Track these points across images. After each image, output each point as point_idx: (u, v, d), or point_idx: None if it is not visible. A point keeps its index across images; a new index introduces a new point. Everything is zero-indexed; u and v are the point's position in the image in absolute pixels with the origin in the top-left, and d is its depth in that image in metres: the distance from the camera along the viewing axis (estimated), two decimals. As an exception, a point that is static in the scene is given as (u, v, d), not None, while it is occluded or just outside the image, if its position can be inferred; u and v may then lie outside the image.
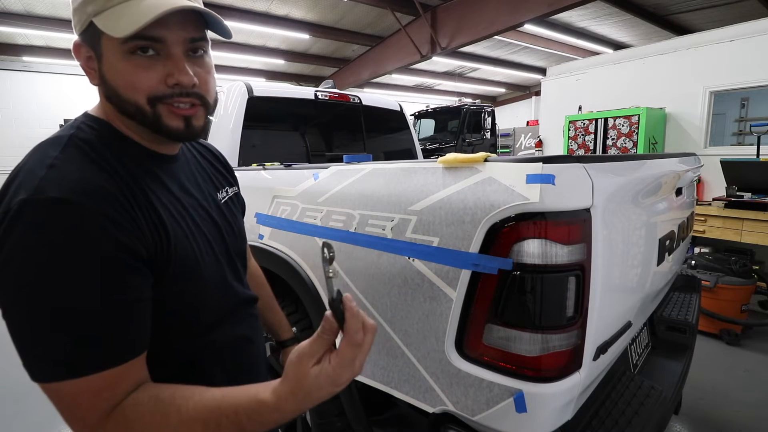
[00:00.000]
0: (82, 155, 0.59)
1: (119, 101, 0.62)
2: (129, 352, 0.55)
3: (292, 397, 0.52)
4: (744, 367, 2.80)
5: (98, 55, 0.61)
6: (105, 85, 0.63)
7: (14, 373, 2.96)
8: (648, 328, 1.68)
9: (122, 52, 0.59)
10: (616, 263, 1.00)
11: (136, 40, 0.58)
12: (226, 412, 0.52)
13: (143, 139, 0.67)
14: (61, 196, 0.51)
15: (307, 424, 1.45)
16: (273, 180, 1.55)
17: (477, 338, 0.88)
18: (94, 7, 0.58)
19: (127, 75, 0.60)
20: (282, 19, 8.13)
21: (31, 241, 0.50)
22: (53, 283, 0.50)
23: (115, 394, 0.53)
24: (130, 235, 0.56)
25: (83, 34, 0.62)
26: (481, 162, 0.90)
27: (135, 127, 0.65)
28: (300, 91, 2.64)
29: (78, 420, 0.53)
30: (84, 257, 0.51)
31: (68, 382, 0.51)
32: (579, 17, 8.36)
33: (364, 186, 1.15)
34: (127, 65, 0.60)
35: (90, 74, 0.64)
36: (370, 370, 1.14)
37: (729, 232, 3.40)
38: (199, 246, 0.69)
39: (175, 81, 0.61)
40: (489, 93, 16.03)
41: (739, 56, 4.14)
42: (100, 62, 0.62)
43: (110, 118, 0.66)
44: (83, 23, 0.60)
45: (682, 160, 1.66)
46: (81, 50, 0.63)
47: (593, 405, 1.10)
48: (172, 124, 0.63)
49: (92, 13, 0.58)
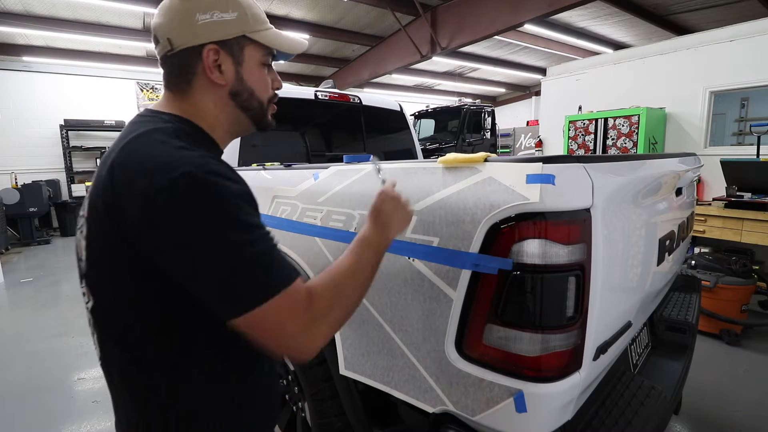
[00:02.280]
0: (195, 144, 0.69)
1: (250, 98, 0.79)
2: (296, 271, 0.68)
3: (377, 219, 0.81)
4: (744, 367, 2.80)
5: (238, 61, 0.76)
6: (241, 84, 0.77)
7: (15, 372, 2.97)
8: (648, 328, 1.68)
9: (259, 63, 0.78)
10: (616, 263, 1.00)
11: (269, 55, 0.80)
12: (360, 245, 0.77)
13: (220, 133, 0.80)
14: (218, 170, 0.64)
15: (307, 424, 1.45)
16: (273, 180, 1.55)
17: (477, 338, 0.88)
18: (250, 27, 0.75)
19: (262, 80, 0.80)
20: (282, 19, 8.13)
21: (218, 203, 0.61)
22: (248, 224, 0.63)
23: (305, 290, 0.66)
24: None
25: (222, 42, 0.74)
26: (481, 162, 0.90)
27: (232, 118, 0.80)
28: (300, 91, 2.64)
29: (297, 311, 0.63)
30: (249, 210, 0.66)
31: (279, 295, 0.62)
32: (579, 17, 8.35)
33: (364, 186, 1.15)
34: (262, 73, 0.80)
35: (213, 74, 0.74)
36: (370, 369, 1.14)
37: (729, 232, 3.40)
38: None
39: (279, 85, 0.84)
40: (489, 93, 16.02)
41: (739, 56, 4.14)
42: (240, 66, 0.76)
43: (191, 114, 0.76)
44: (229, 34, 0.73)
45: (682, 160, 1.66)
46: (211, 54, 0.73)
47: (593, 405, 1.10)
48: (268, 120, 0.84)
49: (249, 30, 0.75)
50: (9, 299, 4.67)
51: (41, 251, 7.34)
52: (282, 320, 0.62)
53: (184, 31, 0.72)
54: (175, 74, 0.75)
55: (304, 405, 1.47)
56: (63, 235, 8.79)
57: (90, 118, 9.43)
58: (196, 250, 0.59)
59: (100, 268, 0.69)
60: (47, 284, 5.16)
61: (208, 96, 0.76)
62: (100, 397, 2.58)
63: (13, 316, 4.17)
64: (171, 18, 0.72)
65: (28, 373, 2.89)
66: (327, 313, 0.66)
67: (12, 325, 3.91)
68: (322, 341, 0.66)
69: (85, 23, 7.63)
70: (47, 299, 4.57)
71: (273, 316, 0.61)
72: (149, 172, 0.60)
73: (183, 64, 0.74)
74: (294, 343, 0.64)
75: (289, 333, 0.63)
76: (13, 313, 4.23)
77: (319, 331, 0.65)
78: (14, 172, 8.34)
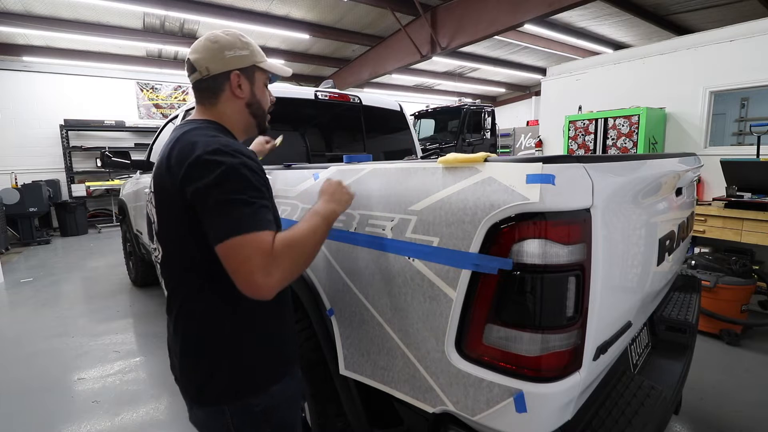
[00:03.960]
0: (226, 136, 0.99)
1: (258, 108, 1.12)
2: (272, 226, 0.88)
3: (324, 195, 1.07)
4: (744, 367, 2.80)
5: (252, 82, 1.09)
6: (253, 98, 1.10)
7: (15, 373, 2.97)
8: (648, 328, 1.68)
9: (263, 84, 1.12)
10: (616, 263, 1.00)
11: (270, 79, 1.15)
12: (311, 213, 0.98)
13: (239, 132, 1.11)
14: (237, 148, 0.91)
15: (307, 424, 1.45)
16: (273, 180, 1.55)
17: (477, 338, 0.88)
18: (257, 59, 1.09)
19: (265, 96, 1.14)
20: (282, 19, 8.12)
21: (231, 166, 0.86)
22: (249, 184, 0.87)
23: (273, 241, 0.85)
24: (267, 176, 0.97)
25: (242, 69, 1.06)
26: (481, 162, 0.90)
27: (248, 125, 1.12)
28: (300, 91, 2.64)
29: (263, 252, 0.81)
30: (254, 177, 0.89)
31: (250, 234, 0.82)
32: (579, 17, 8.35)
33: (364, 186, 1.15)
34: (265, 91, 1.14)
35: (236, 91, 1.06)
36: (370, 369, 1.14)
37: (729, 232, 3.39)
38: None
39: (273, 99, 1.18)
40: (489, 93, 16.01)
41: (739, 56, 4.14)
42: (253, 86, 1.09)
43: (223, 120, 1.07)
44: (245, 64, 1.06)
45: (682, 160, 1.66)
46: (235, 78, 1.05)
47: (593, 405, 1.10)
48: (266, 125, 1.18)
49: (258, 62, 1.09)
50: (9, 299, 4.66)
51: (41, 251, 7.34)
52: (248, 255, 0.80)
53: (218, 63, 1.03)
54: (208, 92, 1.06)
55: (304, 405, 1.47)
56: (63, 235, 8.78)
57: (90, 118, 9.43)
58: (208, 192, 0.84)
59: (168, 225, 0.97)
60: (47, 284, 5.16)
61: (230, 107, 1.07)
62: (100, 397, 2.58)
63: (13, 316, 4.17)
64: (208, 54, 1.03)
65: (28, 373, 2.89)
66: (283, 262, 0.83)
67: (12, 325, 3.91)
68: (277, 283, 0.82)
69: (85, 23, 7.63)
70: (47, 299, 4.57)
71: (242, 250, 0.81)
72: (194, 147, 0.89)
73: (215, 85, 1.05)
74: (254, 277, 0.80)
75: (252, 267, 0.80)
76: (13, 313, 4.23)
77: (276, 274, 0.82)
78: (14, 172, 8.34)
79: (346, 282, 1.17)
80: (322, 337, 1.29)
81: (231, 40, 1.04)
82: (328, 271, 1.24)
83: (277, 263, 0.82)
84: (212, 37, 1.04)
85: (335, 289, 1.22)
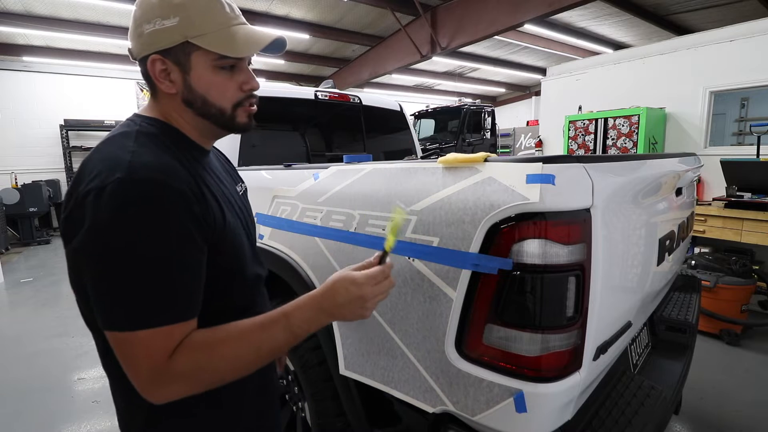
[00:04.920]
0: (153, 145, 0.69)
1: (204, 105, 0.75)
2: (195, 310, 0.66)
3: (326, 300, 0.70)
4: (744, 367, 2.80)
5: (185, 69, 0.73)
6: (190, 93, 0.74)
7: (15, 372, 2.97)
8: (648, 328, 1.68)
9: (213, 67, 0.73)
10: (616, 263, 1.00)
11: (228, 58, 0.73)
12: (276, 315, 0.69)
13: (198, 136, 0.80)
14: (150, 176, 0.62)
15: (307, 424, 1.45)
16: (273, 180, 1.55)
17: (477, 338, 0.88)
18: (193, 31, 0.70)
19: (217, 86, 0.74)
20: (282, 19, 8.12)
21: (129, 211, 0.59)
22: (146, 244, 0.59)
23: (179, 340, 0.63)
24: (200, 209, 0.67)
25: (166, 51, 0.71)
26: (481, 162, 0.90)
27: (201, 126, 0.78)
28: (300, 91, 2.64)
29: (153, 359, 0.60)
30: (169, 225, 0.62)
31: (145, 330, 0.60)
32: (579, 17, 8.35)
33: (364, 186, 1.15)
34: (217, 78, 0.74)
35: (164, 84, 0.74)
36: (370, 369, 1.14)
37: (729, 232, 3.39)
38: (238, 224, 0.80)
39: (249, 87, 0.78)
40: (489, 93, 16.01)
41: (739, 56, 4.14)
42: (188, 75, 0.73)
43: (168, 117, 0.77)
44: (172, 42, 0.70)
45: (682, 160, 1.66)
46: (157, 64, 0.72)
47: (593, 405, 1.10)
48: (243, 121, 0.79)
49: (191, 35, 0.70)
50: (9, 299, 4.67)
51: (41, 251, 7.34)
52: (134, 356, 0.60)
53: (135, 41, 0.73)
54: (145, 81, 0.77)
55: (304, 405, 1.47)
56: (63, 235, 8.78)
57: (90, 118, 9.43)
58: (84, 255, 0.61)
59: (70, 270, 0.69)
60: (47, 284, 5.16)
61: (168, 103, 0.76)
62: (100, 397, 2.58)
63: (14, 316, 4.17)
64: (131, 29, 0.73)
65: (29, 373, 2.89)
66: (185, 378, 0.62)
67: (12, 325, 3.91)
68: (175, 397, 0.63)
69: (85, 23, 7.62)
70: (47, 299, 4.57)
71: (127, 348, 0.61)
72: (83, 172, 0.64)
73: (143, 73, 0.75)
74: (142, 385, 0.62)
75: (138, 371, 0.61)
76: (14, 313, 4.23)
77: (171, 389, 0.62)
78: (14, 172, 8.34)
79: (346, 282, 1.17)
80: (322, 337, 1.29)
81: (151, 4, 0.70)
82: (329, 271, 1.24)
83: (173, 377, 0.61)
84: (137, 2, 0.73)
85: (335, 289, 1.22)
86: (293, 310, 0.69)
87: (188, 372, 0.62)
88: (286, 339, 0.68)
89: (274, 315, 0.69)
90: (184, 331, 0.63)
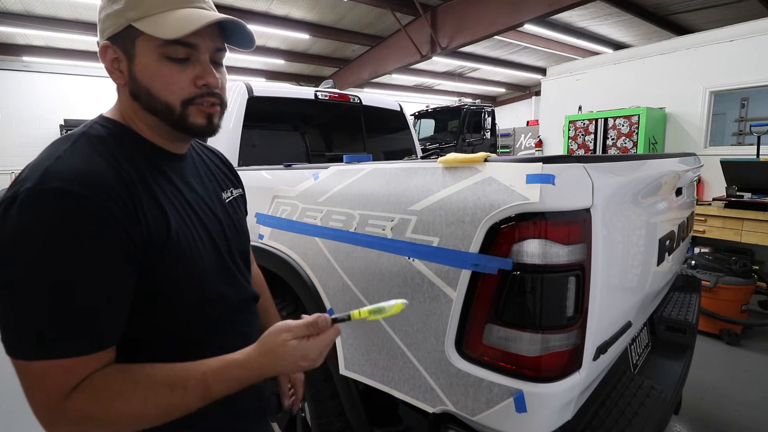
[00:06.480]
0: (90, 150, 0.63)
1: (148, 99, 0.67)
2: (103, 343, 0.58)
3: (260, 358, 0.62)
4: (744, 367, 2.80)
5: (130, 56, 0.66)
6: (135, 84, 0.67)
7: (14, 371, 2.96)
8: (648, 328, 1.68)
9: (158, 56, 0.65)
10: (616, 263, 1.00)
11: (175, 45, 0.65)
12: (194, 374, 0.60)
13: (158, 138, 0.73)
14: (62, 186, 0.55)
15: (307, 424, 1.45)
16: (273, 180, 1.55)
17: (477, 338, 0.88)
18: (136, 12, 0.63)
19: (162, 77, 0.66)
20: (282, 19, 8.13)
21: (29, 226, 0.54)
22: (45, 265, 0.53)
23: (81, 376, 0.57)
24: (125, 224, 0.59)
25: (115, 37, 0.66)
26: (481, 162, 0.90)
27: (154, 125, 0.71)
28: (300, 91, 2.64)
29: (46, 395, 0.55)
30: (76, 244, 0.55)
31: (41, 362, 0.54)
32: (579, 17, 8.36)
33: (364, 186, 1.15)
34: (163, 68, 0.66)
35: (114, 74, 0.68)
36: (370, 370, 1.14)
37: (729, 232, 3.40)
38: (199, 236, 0.73)
39: (204, 82, 0.68)
40: (489, 93, 16.02)
41: (739, 56, 4.14)
42: (132, 63, 0.67)
43: (126, 117, 0.71)
44: (118, 27, 0.65)
45: (682, 160, 1.66)
46: (108, 52, 0.68)
47: (593, 405, 1.10)
48: (197, 122, 0.70)
49: (133, 18, 0.64)
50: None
51: (41, 251, 7.34)
52: (30, 385, 0.55)
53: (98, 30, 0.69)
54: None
55: (304, 405, 1.47)
56: (63, 235, 8.79)
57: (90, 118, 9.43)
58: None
59: None
60: (47, 284, 5.16)
61: (124, 99, 0.70)
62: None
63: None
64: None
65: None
66: (78, 422, 0.56)
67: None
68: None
69: (85, 23, 7.64)
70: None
71: (24, 380, 0.56)
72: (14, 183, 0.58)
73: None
74: (38, 419, 0.56)
75: (33, 406, 0.56)
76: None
77: (62, 427, 0.56)
78: (14, 172, 8.35)
79: (346, 282, 1.17)
80: (322, 337, 1.29)
81: None
82: (328, 270, 1.24)
83: (66, 419, 0.55)
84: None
85: (335, 289, 1.22)
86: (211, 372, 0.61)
87: (77, 420, 0.56)
88: (197, 404, 0.60)
89: (192, 379, 0.60)
90: (88, 365, 0.56)
